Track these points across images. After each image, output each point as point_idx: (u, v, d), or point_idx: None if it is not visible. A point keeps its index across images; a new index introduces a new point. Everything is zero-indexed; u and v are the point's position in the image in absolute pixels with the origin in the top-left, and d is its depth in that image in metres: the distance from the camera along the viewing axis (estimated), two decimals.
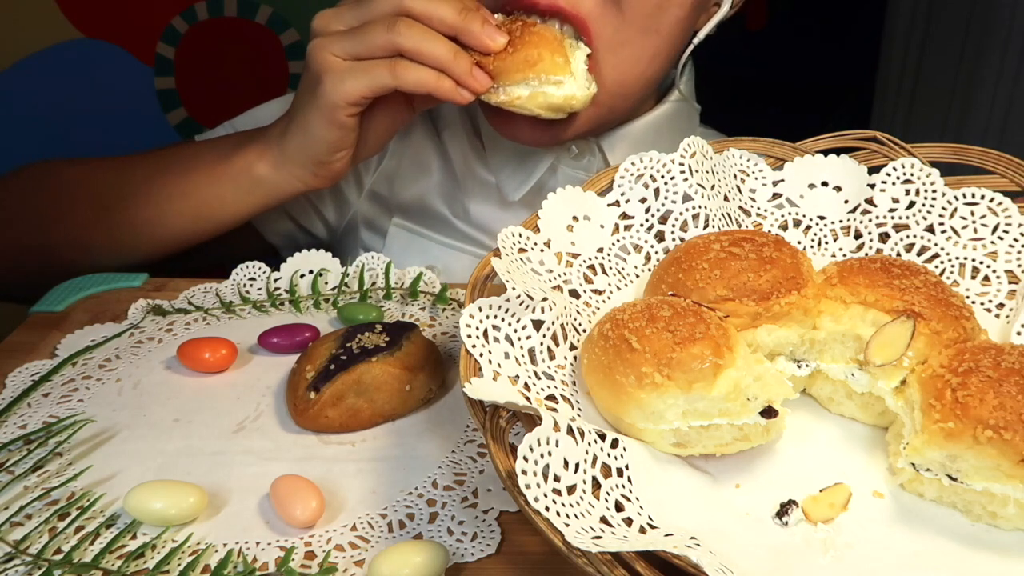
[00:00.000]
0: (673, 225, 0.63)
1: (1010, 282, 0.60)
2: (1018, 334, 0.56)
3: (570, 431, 0.43)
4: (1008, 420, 0.43)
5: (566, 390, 0.50)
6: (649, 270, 0.62)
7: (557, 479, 0.41)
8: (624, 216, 0.63)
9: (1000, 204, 0.61)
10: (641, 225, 0.63)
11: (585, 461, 0.43)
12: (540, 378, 0.49)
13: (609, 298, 0.60)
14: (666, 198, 0.63)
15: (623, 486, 0.45)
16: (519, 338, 0.49)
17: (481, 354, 0.47)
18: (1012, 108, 1.91)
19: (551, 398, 0.48)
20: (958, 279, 0.61)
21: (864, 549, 0.45)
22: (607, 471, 0.45)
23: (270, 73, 1.68)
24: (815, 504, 0.47)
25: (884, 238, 0.64)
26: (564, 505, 0.41)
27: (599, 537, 0.40)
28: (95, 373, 0.65)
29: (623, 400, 0.48)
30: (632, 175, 0.63)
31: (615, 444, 0.46)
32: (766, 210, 0.66)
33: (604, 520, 0.42)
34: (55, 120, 1.55)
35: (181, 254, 0.82)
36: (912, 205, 0.63)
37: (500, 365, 0.47)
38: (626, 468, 0.45)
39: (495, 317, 0.49)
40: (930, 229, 0.63)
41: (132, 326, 0.71)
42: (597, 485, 0.44)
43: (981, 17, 1.90)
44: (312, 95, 0.69)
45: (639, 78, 0.75)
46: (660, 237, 0.63)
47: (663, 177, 0.63)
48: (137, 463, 0.56)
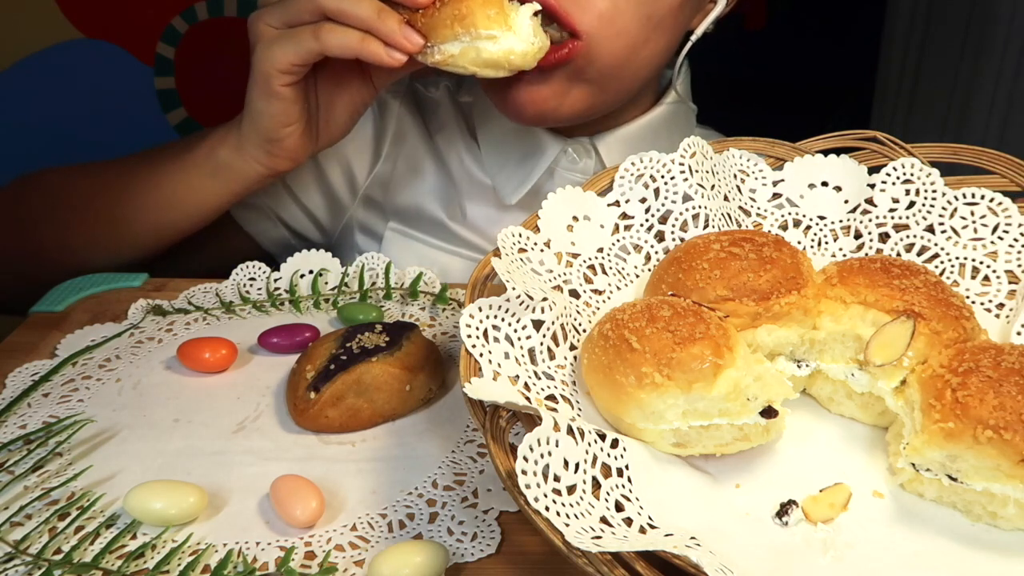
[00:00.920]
0: (673, 225, 0.63)
1: (1010, 282, 0.60)
2: (1018, 334, 0.56)
3: (570, 431, 0.43)
4: (1008, 420, 0.43)
5: (566, 390, 0.50)
6: (649, 270, 0.62)
7: (557, 479, 0.41)
8: (624, 216, 0.63)
9: (1000, 204, 0.61)
10: (641, 225, 0.63)
11: (585, 461, 0.43)
12: (540, 378, 0.49)
13: (609, 298, 0.60)
14: (666, 198, 0.63)
15: (623, 486, 0.45)
16: (519, 338, 0.49)
17: (481, 354, 0.47)
18: (1012, 108, 1.91)
19: (551, 398, 0.48)
20: (958, 279, 0.61)
21: (864, 549, 0.45)
22: (607, 471, 0.45)
23: None
24: (815, 504, 0.47)
25: (884, 238, 0.64)
26: (564, 505, 0.41)
27: (599, 537, 0.40)
28: (95, 373, 0.65)
29: (623, 400, 0.48)
30: (632, 175, 0.63)
31: (615, 444, 0.46)
32: (766, 210, 0.66)
33: (604, 520, 0.42)
34: (55, 120, 1.55)
35: (177, 255, 0.82)
36: (912, 205, 0.63)
37: (500, 365, 0.47)
38: (626, 468, 0.45)
39: (495, 317, 0.49)
40: (930, 229, 0.63)
41: (132, 326, 0.71)
42: (597, 485, 0.44)
43: (981, 17, 1.90)
44: (251, 69, 0.69)
45: (633, 61, 0.74)
46: (660, 237, 0.63)
47: (663, 177, 0.63)
48: (137, 463, 0.56)
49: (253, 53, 0.68)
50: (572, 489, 0.42)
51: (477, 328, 0.48)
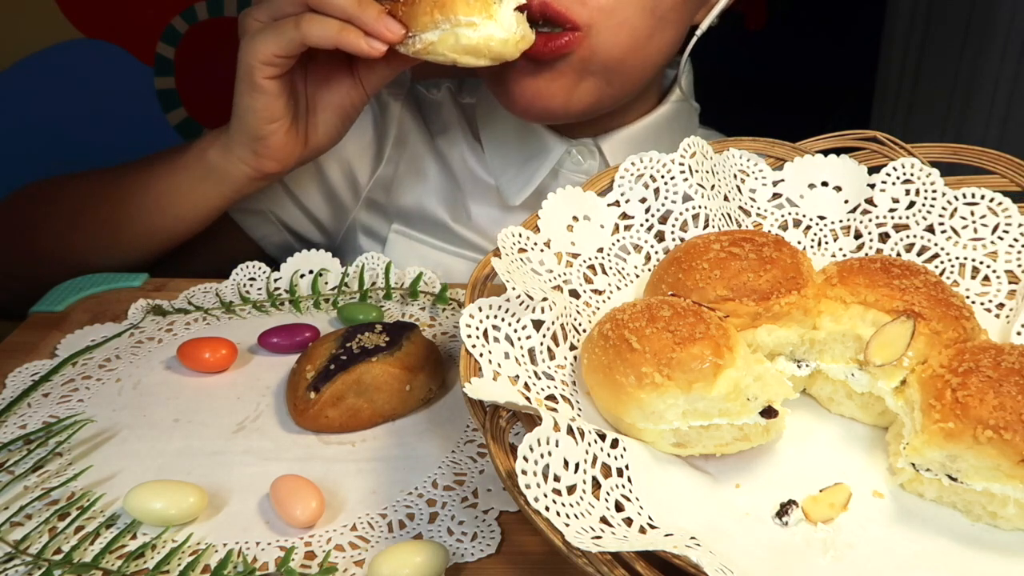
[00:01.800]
0: (673, 225, 0.63)
1: (1010, 282, 0.60)
2: (1018, 334, 0.56)
3: (570, 431, 0.43)
4: (1008, 420, 0.43)
5: (566, 390, 0.50)
6: (649, 270, 0.62)
7: (557, 479, 0.41)
8: (624, 216, 0.63)
9: (1000, 204, 0.61)
10: (641, 225, 0.63)
11: (585, 461, 0.43)
12: (540, 378, 0.49)
13: (609, 298, 0.60)
14: (666, 198, 0.63)
15: (623, 486, 0.45)
16: (519, 338, 0.49)
17: (481, 354, 0.47)
18: (1012, 108, 1.91)
19: (551, 398, 0.48)
20: (958, 279, 0.61)
21: (864, 549, 0.45)
22: (607, 471, 0.45)
23: None
24: (815, 504, 0.47)
25: (884, 238, 0.64)
26: (564, 505, 0.41)
27: (599, 537, 0.40)
28: (95, 373, 0.65)
29: (623, 400, 0.48)
30: (632, 175, 0.63)
31: (615, 444, 0.46)
32: (766, 210, 0.66)
33: (604, 520, 0.42)
34: (55, 120, 1.55)
35: (179, 259, 0.82)
36: (912, 205, 0.63)
37: (500, 365, 0.47)
38: (626, 468, 0.45)
39: (495, 317, 0.49)
40: (930, 229, 0.63)
41: (132, 326, 0.71)
42: (597, 485, 0.44)
43: (981, 17, 1.90)
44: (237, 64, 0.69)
45: (638, 54, 0.74)
46: (660, 237, 0.63)
47: (663, 177, 0.63)
48: (137, 463, 0.56)
49: (239, 49, 0.67)
50: (572, 489, 0.42)
51: (477, 328, 0.48)
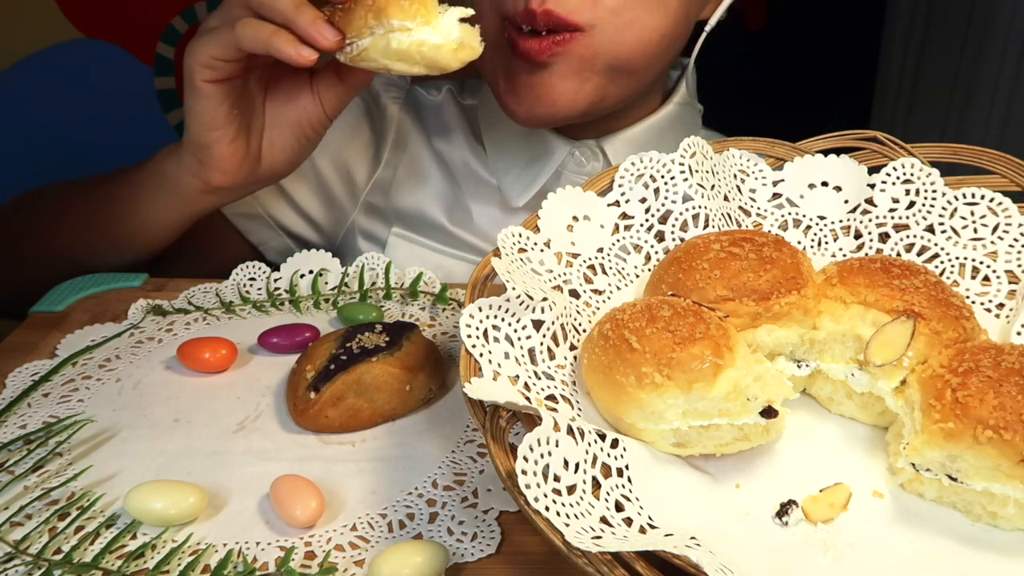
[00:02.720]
0: (673, 225, 0.63)
1: (1010, 282, 0.60)
2: (1018, 334, 0.56)
3: (570, 431, 0.43)
4: (1008, 420, 0.43)
5: (566, 390, 0.50)
6: (649, 270, 0.62)
7: (557, 479, 0.41)
8: (624, 216, 0.63)
9: (1000, 204, 0.61)
10: (641, 225, 0.63)
11: (585, 461, 0.43)
12: (540, 378, 0.49)
13: (609, 298, 0.60)
14: (666, 198, 0.63)
15: (623, 486, 0.45)
16: (519, 338, 0.49)
17: (481, 354, 0.47)
18: (1012, 108, 1.91)
19: (551, 398, 0.48)
20: (958, 279, 0.61)
21: (864, 549, 0.45)
22: (607, 471, 0.45)
23: None
24: (815, 504, 0.47)
25: (884, 238, 0.64)
26: (564, 505, 0.41)
27: (599, 537, 0.40)
28: (95, 373, 0.65)
29: (623, 400, 0.48)
30: (632, 175, 0.63)
31: (615, 444, 0.46)
32: (766, 210, 0.66)
33: (604, 520, 0.42)
34: (55, 121, 1.55)
35: (178, 261, 0.82)
36: (912, 205, 0.63)
37: (500, 365, 0.47)
38: (626, 468, 0.45)
39: (495, 317, 0.49)
40: (930, 229, 0.63)
41: (132, 326, 0.71)
42: (597, 485, 0.44)
43: (981, 17, 1.90)
44: None
45: (645, 50, 0.74)
46: (660, 237, 0.63)
47: (663, 177, 0.63)
48: (137, 463, 0.56)
49: None
50: (572, 489, 0.42)
51: (477, 328, 0.48)
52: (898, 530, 0.46)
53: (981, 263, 0.61)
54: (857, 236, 0.65)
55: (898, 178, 0.64)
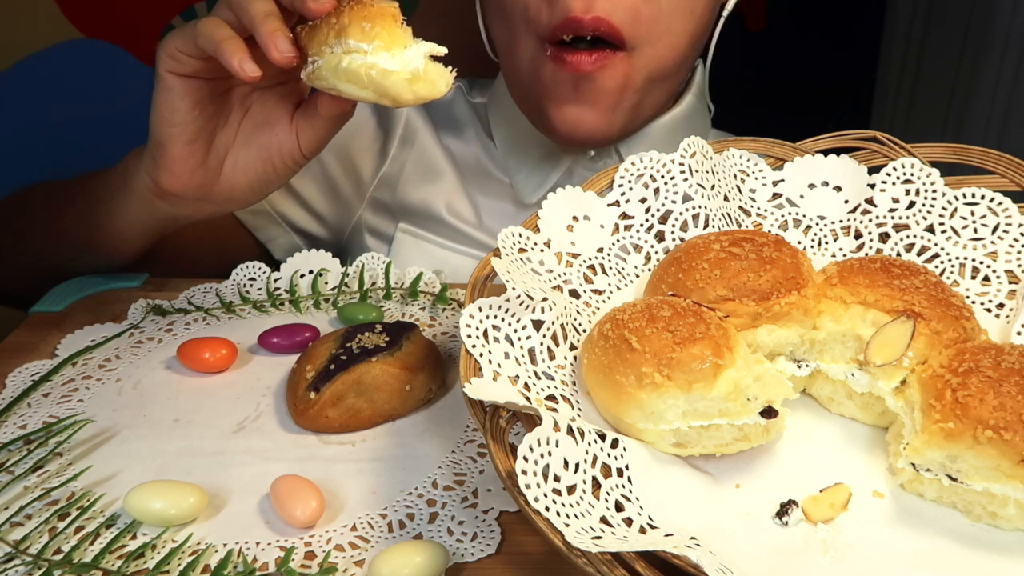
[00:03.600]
0: (673, 225, 0.63)
1: (1010, 282, 0.60)
2: (1018, 334, 0.56)
3: (570, 431, 0.43)
4: (1008, 420, 0.43)
5: (566, 390, 0.50)
6: (649, 270, 0.62)
7: (557, 479, 0.41)
8: (624, 216, 0.63)
9: (1000, 204, 0.61)
10: (641, 225, 0.63)
11: (585, 461, 0.43)
12: (540, 378, 0.49)
13: (609, 298, 0.60)
14: (666, 198, 0.63)
15: (623, 486, 0.45)
16: (519, 338, 0.49)
17: (481, 354, 0.47)
18: (1012, 108, 1.91)
19: (551, 398, 0.48)
20: (958, 279, 0.61)
21: (864, 549, 0.45)
22: (607, 471, 0.45)
23: None
24: (815, 504, 0.47)
25: (884, 238, 0.64)
26: (564, 505, 0.41)
27: (599, 537, 0.40)
28: (95, 373, 0.65)
29: (623, 400, 0.48)
30: (632, 175, 0.63)
31: (615, 444, 0.46)
32: (766, 210, 0.66)
33: (604, 520, 0.42)
34: (55, 121, 1.55)
35: (180, 261, 0.82)
36: (912, 205, 0.63)
37: (500, 365, 0.47)
38: (626, 468, 0.45)
39: (495, 317, 0.49)
40: (930, 229, 0.63)
41: (132, 326, 0.71)
42: (597, 485, 0.44)
43: (981, 17, 1.90)
44: None
45: (674, 60, 0.75)
46: (660, 237, 0.63)
47: (663, 177, 0.63)
48: (137, 463, 0.56)
49: None
50: (572, 489, 0.42)
51: (477, 328, 0.48)
52: (898, 530, 0.46)
53: (981, 263, 0.61)
54: (857, 236, 0.65)
55: (898, 178, 0.64)
